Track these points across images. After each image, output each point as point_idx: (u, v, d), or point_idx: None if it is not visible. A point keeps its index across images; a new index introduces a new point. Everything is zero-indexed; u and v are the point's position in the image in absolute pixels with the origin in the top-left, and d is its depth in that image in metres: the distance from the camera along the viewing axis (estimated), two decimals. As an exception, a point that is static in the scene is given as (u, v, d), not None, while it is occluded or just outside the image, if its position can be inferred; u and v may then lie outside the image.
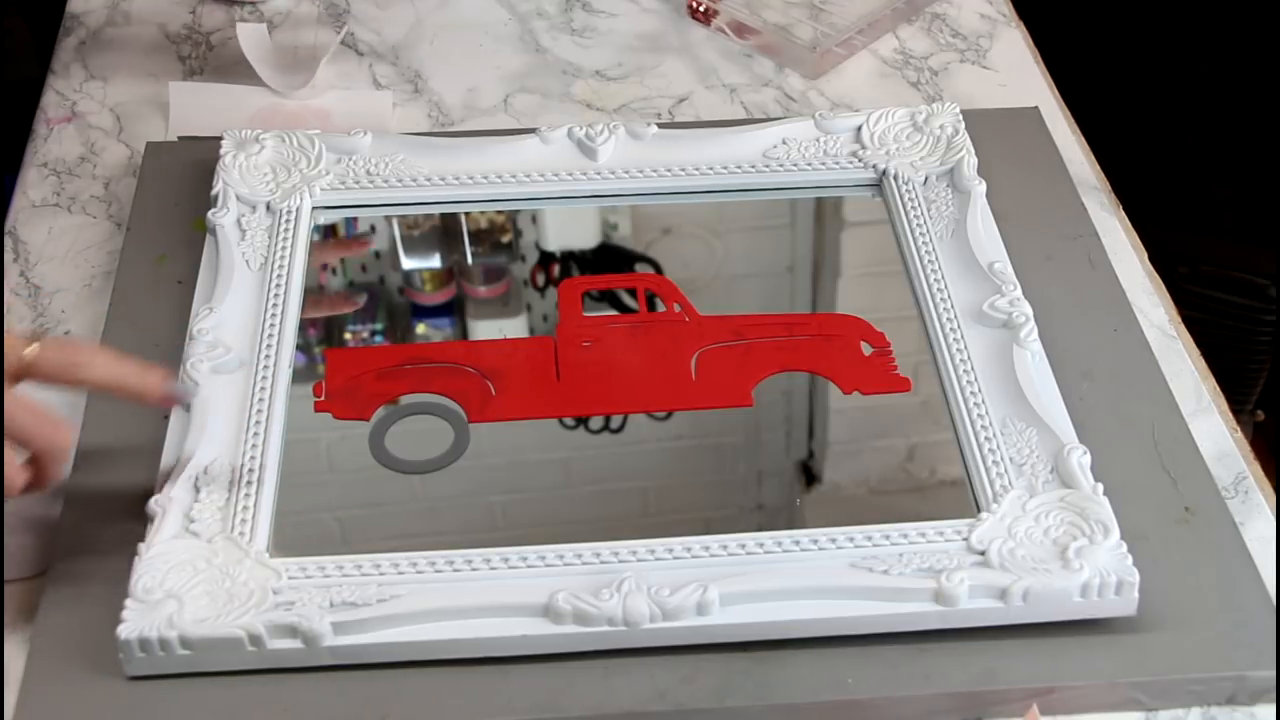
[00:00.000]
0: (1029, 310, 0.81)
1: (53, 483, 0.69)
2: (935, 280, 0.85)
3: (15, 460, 0.67)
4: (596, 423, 0.83)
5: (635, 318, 0.87)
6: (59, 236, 0.94)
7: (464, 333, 0.93)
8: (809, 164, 0.93)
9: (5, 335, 0.68)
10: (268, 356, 0.80)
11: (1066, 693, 0.68)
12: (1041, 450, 0.74)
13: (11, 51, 1.62)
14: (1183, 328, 0.88)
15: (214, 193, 0.89)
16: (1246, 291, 1.43)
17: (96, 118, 1.05)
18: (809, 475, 0.84)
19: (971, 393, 0.78)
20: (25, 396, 0.67)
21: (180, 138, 1.02)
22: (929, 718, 0.68)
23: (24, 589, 0.73)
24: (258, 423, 0.76)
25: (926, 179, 0.91)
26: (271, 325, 0.81)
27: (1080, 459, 0.73)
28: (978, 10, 1.16)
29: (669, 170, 0.93)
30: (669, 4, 1.17)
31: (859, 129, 0.94)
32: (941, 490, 0.78)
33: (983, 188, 0.90)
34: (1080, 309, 0.86)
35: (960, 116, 0.94)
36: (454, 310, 0.94)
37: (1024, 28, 1.15)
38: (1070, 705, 0.68)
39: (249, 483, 0.73)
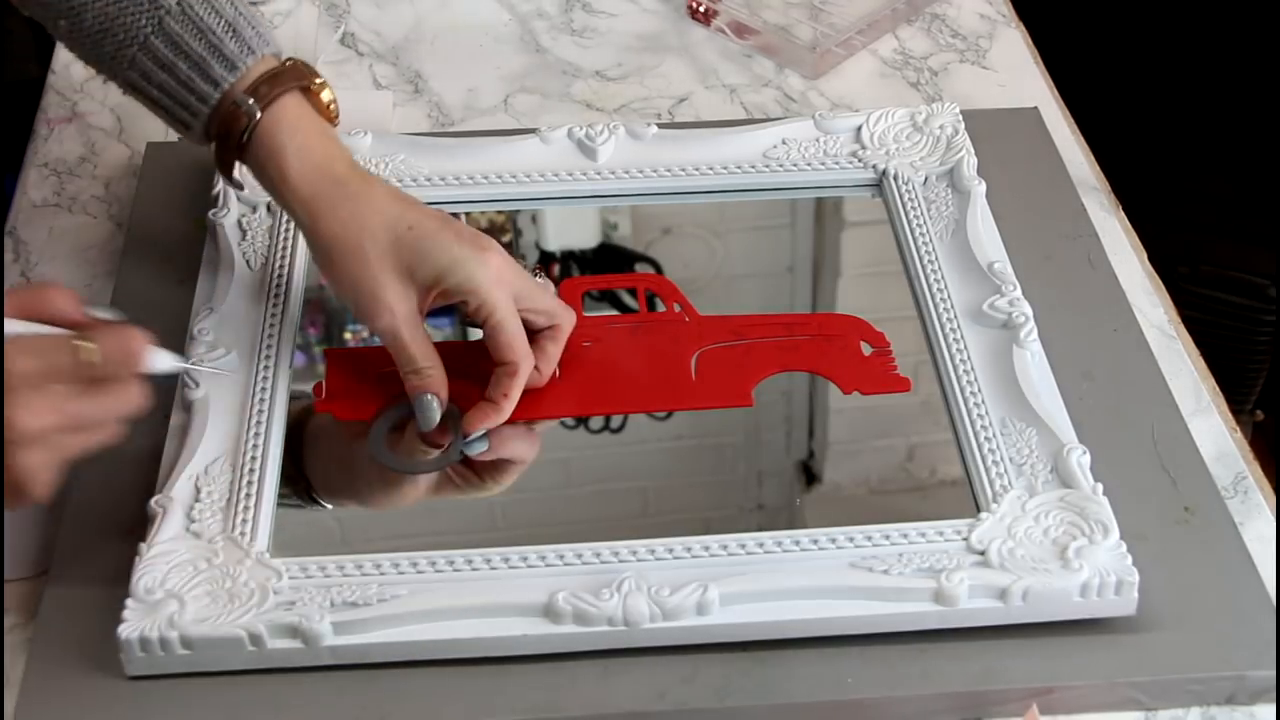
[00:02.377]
0: (1029, 310, 0.81)
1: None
2: (935, 280, 0.85)
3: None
4: (596, 423, 0.83)
5: (635, 318, 0.87)
6: (59, 237, 0.94)
7: (464, 333, 0.93)
8: (809, 164, 0.93)
9: (51, 338, 0.62)
10: (268, 356, 0.80)
11: (1066, 693, 0.68)
12: (1041, 450, 0.74)
13: (11, 51, 1.62)
14: (1182, 328, 0.88)
15: (214, 193, 0.89)
16: (1246, 291, 1.43)
17: (97, 118, 1.05)
18: (809, 475, 0.84)
19: (971, 393, 0.78)
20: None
21: (180, 138, 1.01)
22: (929, 718, 0.68)
23: (24, 589, 0.73)
24: (258, 423, 0.76)
25: (926, 179, 0.91)
26: (271, 325, 0.81)
27: (1080, 459, 0.73)
28: (977, 10, 1.16)
29: (669, 170, 0.92)
30: (669, 4, 1.17)
31: (859, 129, 0.94)
32: (941, 490, 0.78)
33: (982, 188, 0.90)
34: (1080, 309, 0.86)
35: (960, 117, 0.94)
36: (454, 310, 0.94)
37: (1024, 28, 1.15)
38: (1070, 705, 0.68)
39: (249, 483, 0.73)
